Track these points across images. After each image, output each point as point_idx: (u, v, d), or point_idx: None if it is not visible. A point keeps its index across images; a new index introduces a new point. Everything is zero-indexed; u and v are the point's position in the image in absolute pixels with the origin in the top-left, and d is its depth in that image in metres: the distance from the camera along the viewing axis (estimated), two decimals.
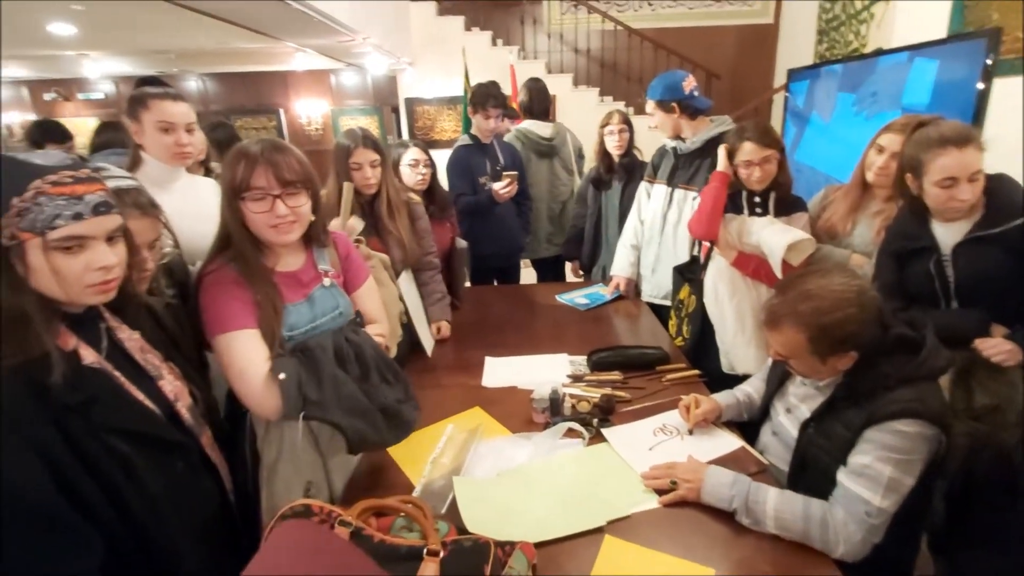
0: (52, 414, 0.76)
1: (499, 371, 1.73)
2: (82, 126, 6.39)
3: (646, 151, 2.59)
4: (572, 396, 1.45)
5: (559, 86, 5.48)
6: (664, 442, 1.33)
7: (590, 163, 2.84)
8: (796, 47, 5.48)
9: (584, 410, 1.43)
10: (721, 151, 1.85)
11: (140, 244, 0.99)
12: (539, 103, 3.13)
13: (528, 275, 3.25)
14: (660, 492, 1.14)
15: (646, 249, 2.31)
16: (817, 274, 1.14)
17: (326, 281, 1.31)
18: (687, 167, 2.15)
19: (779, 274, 1.64)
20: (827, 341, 1.08)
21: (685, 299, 2.04)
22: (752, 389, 1.46)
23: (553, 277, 3.23)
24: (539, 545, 0.99)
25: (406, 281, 1.83)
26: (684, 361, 1.76)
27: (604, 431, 1.36)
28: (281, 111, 6.78)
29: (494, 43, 5.65)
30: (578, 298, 2.36)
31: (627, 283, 2.37)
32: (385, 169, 1.78)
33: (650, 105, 2.14)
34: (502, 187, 2.50)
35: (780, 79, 5.18)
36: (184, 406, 0.96)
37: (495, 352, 1.85)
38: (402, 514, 0.94)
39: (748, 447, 1.30)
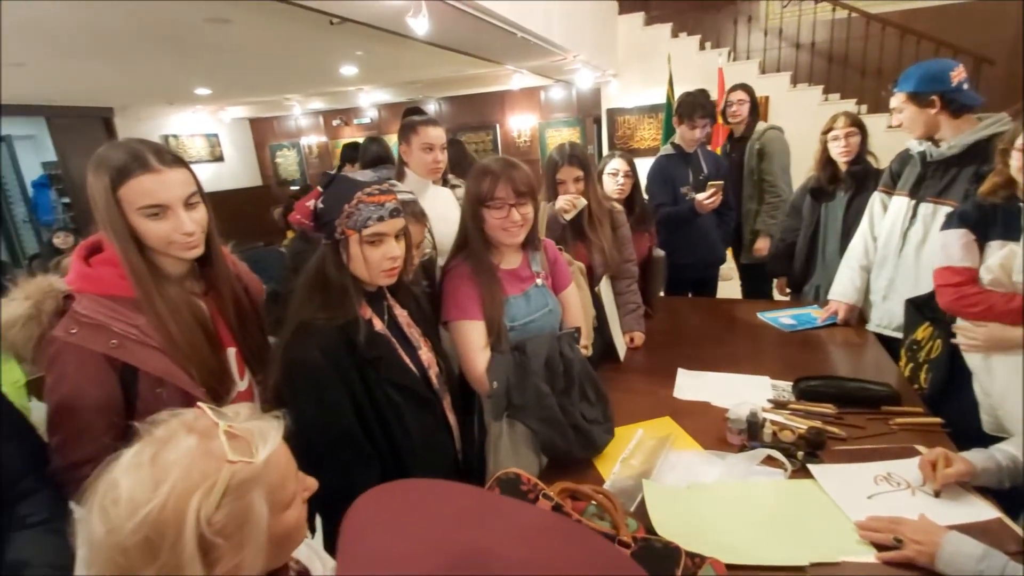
0: (356, 363, 1.00)
1: (692, 384, 1.66)
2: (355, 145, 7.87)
3: (882, 157, 2.20)
4: (774, 423, 1.33)
5: (773, 87, 4.96)
6: (888, 493, 1.14)
7: (806, 172, 2.49)
8: None
9: (787, 440, 1.30)
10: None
11: (413, 243, 1.22)
12: None
13: (727, 289, 3.03)
14: (878, 547, 0.99)
15: (878, 271, 1.94)
16: None
17: (538, 281, 1.43)
18: (939, 176, 1.75)
19: None
20: None
21: (924, 341, 1.66)
22: (1020, 452, 1.16)
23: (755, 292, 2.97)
24: (730, 567, 0.94)
25: (604, 287, 1.87)
26: (920, 405, 1.46)
27: (811, 466, 1.22)
28: (497, 126, 7.40)
29: (702, 47, 5.35)
30: (784, 318, 2.12)
31: (848, 310, 2.01)
32: (589, 182, 1.84)
33: (898, 98, 1.76)
34: (705, 197, 2.37)
35: None
36: (433, 373, 1.15)
37: (688, 364, 1.78)
38: (594, 502, 0.98)
39: (1008, 520, 1.04)
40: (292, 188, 8.23)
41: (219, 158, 8.15)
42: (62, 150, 6.46)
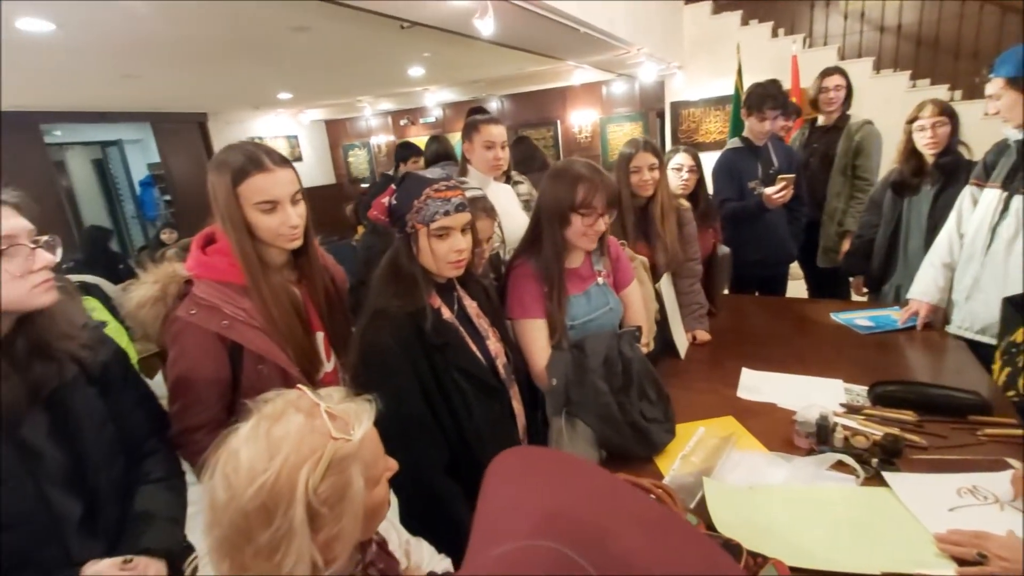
0: (425, 349, 1.05)
1: (757, 384, 1.61)
2: (420, 143, 8.10)
3: (977, 148, 2.00)
4: (846, 428, 1.27)
5: (855, 74, 4.56)
6: (973, 507, 1.06)
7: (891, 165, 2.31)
8: None
9: (860, 445, 1.23)
10: None
11: (480, 239, 1.26)
12: None
13: (797, 289, 2.88)
14: (959, 562, 0.93)
15: (963, 269, 1.78)
16: None
17: (600, 280, 1.44)
18: None
19: None
20: None
21: None
22: None
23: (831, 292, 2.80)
24: (794, 570, 0.92)
25: (665, 284, 1.84)
26: (1015, 415, 1.34)
27: (886, 474, 1.15)
28: (558, 122, 7.37)
29: (774, 34, 5.07)
30: (860, 319, 1.99)
31: (930, 310, 1.86)
32: (662, 174, 1.81)
33: (995, 84, 1.61)
34: (775, 191, 2.27)
35: None
36: (501, 363, 1.19)
37: (753, 364, 1.72)
38: (654, 496, 0.98)
39: None
40: (363, 186, 8.59)
41: (298, 158, 8.64)
42: (164, 152, 7.09)
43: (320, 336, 1.17)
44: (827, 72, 2.83)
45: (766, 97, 2.44)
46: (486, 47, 3.80)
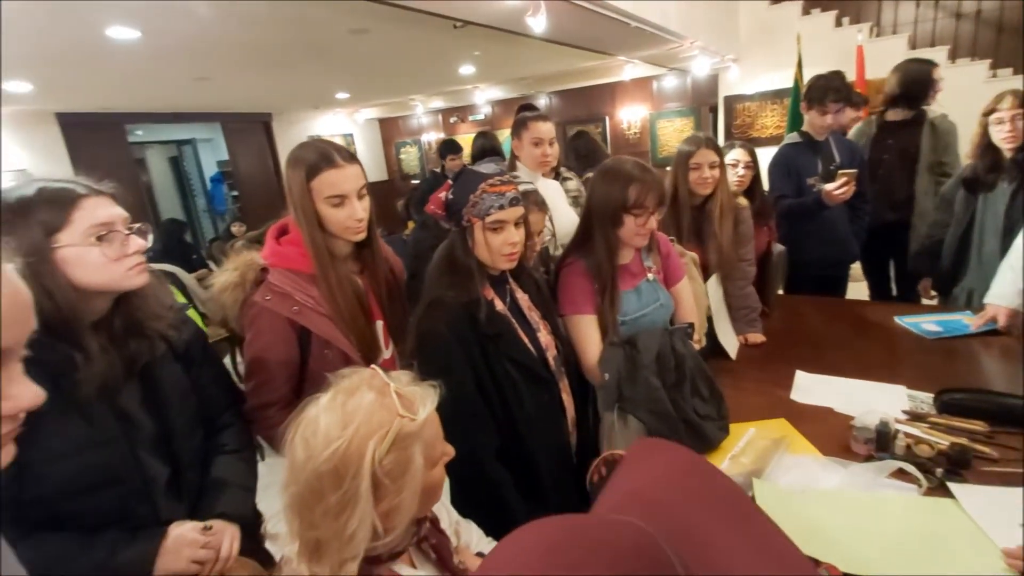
0: (478, 338, 1.08)
1: (812, 387, 1.55)
2: (469, 140, 8.20)
3: None
4: (908, 435, 1.21)
5: None
6: None
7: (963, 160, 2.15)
8: None
9: (924, 454, 1.17)
10: None
11: (532, 231, 1.28)
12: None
13: (859, 291, 2.73)
14: None
15: None
16: None
17: (650, 276, 1.42)
18: None
19: None
20: None
21: None
22: None
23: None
24: None
25: (713, 285, 1.79)
26: None
27: (951, 485, 1.09)
28: (606, 119, 7.27)
29: (838, 23, 4.81)
30: (927, 324, 1.87)
31: (1009, 316, 1.72)
32: (722, 173, 1.77)
33: None
34: (835, 188, 2.16)
35: None
36: (551, 356, 1.21)
37: (808, 367, 1.66)
38: None
39: None
40: (413, 182, 8.78)
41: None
42: (232, 150, 7.49)
43: (379, 324, 1.22)
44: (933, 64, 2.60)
45: (828, 90, 2.33)
46: (535, 44, 3.80)
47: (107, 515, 0.84)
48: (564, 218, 1.80)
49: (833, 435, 1.31)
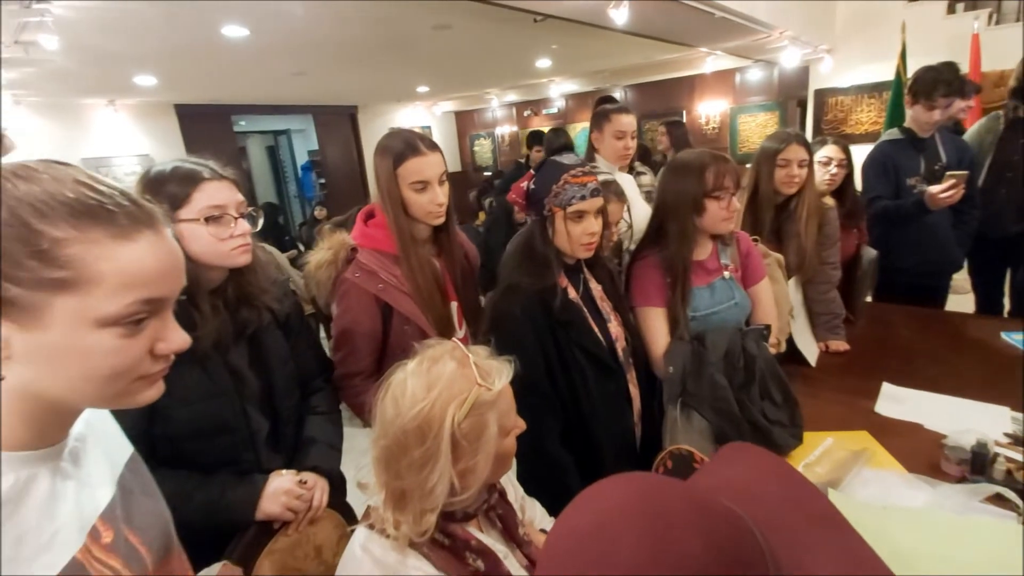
0: (550, 324, 1.11)
1: (900, 401, 1.44)
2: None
3: None
4: (1010, 460, 1.10)
5: None
6: None
7: None
8: None
9: None
10: None
11: (610, 221, 1.29)
12: None
13: (960, 303, 2.47)
14: None
15: None
16: None
17: (726, 274, 1.38)
18: None
19: None
20: None
21: None
22: None
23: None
24: None
25: (792, 289, 1.70)
26: None
27: None
28: (684, 112, 6.99)
29: (950, 10, 4.33)
30: None
31: None
32: (811, 172, 1.67)
33: None
34: (941, 190, 1.96)
35: None
36: (620, 347, 1.21)
37: (897, 380, 1.54)
38: None
39: None
40: (485, 174, 8.91)
41: None
42: (322, 140, 7.96)
43: (454, 305, 1.27)
44: None
45: (939, 83, 2.10)
46: (614, 37, 3.72)
47: (218, 459, 0.95)
48: (640, 212, 1.78)
49: (921, 453, 1.21)
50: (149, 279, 0.47)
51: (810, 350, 1.72)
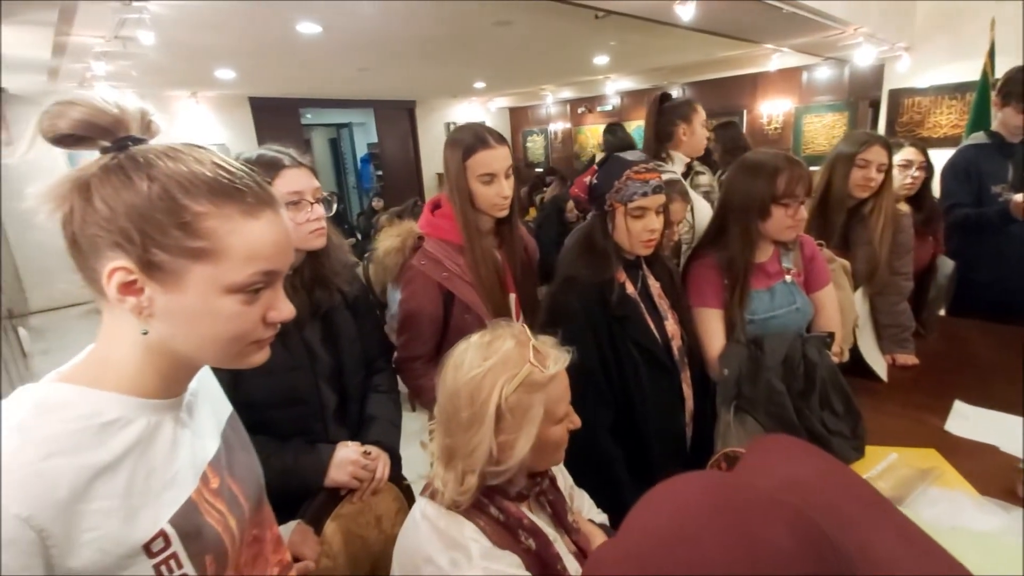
0: (606, 318, 1.11)
1: (974, 421, 1.35)
2: (595, 131, 8.10)
3: None
4: None
5: None
6: None
7: None
8: None
9: None
10: None
11: (672, 220, 1.27)
12: None
13: None
14: None
15: None
16: None
17: (787, 278, 1.33)
18: None
19: None
20: None
21: None
22: None
23: None
24: None
25: (859, 299, 1.61)
26: None
27: None
28: (744, 112, 6.72)
29: None
30: None
31: None
32: (889, 176, 1.58)
33: None
34: None
35: None
36: (676, 345, 1.20)
37: (970, 398, 1.43)
38: None
39: None
40: (537, 170, 8.92)
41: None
42: (381, 133, 8.19)
43: (512, 297, 1.29)
44: None
45: None
46: (675, 33, 3.63)
47: (291, 428, 1.01)
48: (701, 212, 1.73)
49: (994, 476, 1.13)
50: (269, 253, 0.52)
51: (878, 363, 1.63)
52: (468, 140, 1.17)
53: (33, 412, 0.46)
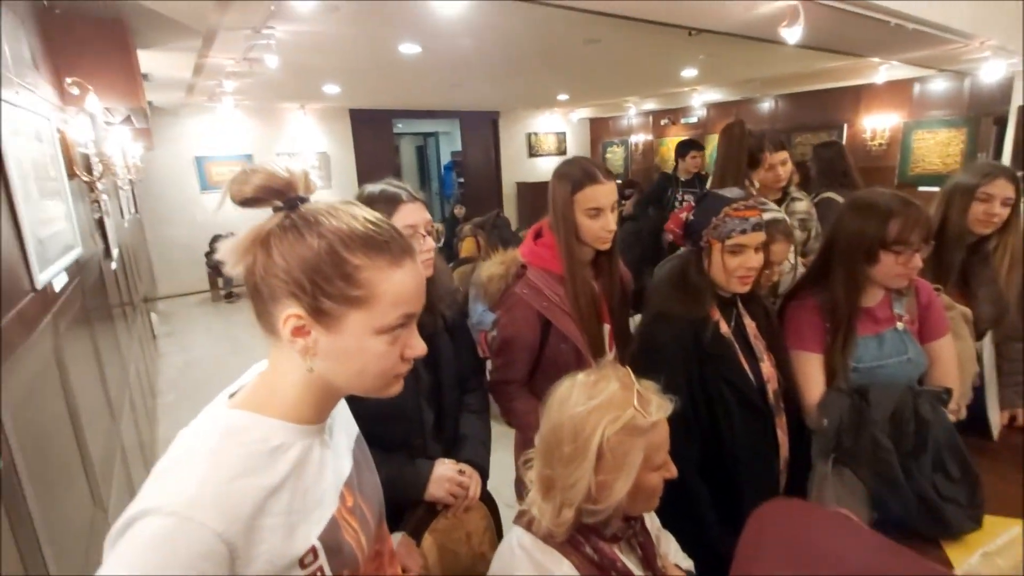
0: (699, 355, 1.09)
1: None
2: (672, 143, 7.85)
3: None
4: None
5: None
6: None
7: None
8: None
9: None
10: None
11: (773, 260, 1.22)
12: None
13: None
14: None
15: None
16: None
17: (899, 325, 1.24)
18: None
19: None
20: None
21: None
22: None
23: None
24: None
25: (988, 347, 1.45)
26: None
27: None
28: (844, 126, 6.22)
29: None
30: None
31: None
32: (1016, 212, 1.41)
33: None
34: None
35: None
36: (771, 388, 1.15)
37: None
38: None
39: None
40: (617, 182, 8.79)
41: (563, 152, 9.32)
42: (465, 142, 8.46)
43: (607, 328, 1.29)
44: None
45: None
46: (771, 46, 3.44)
47: (393, 442, 1.08)
48: None
49: None
50: (410, 297, 0.57)
51: (995, 420, 1.46)
52: (577, 175, 1.18)
53: (221, 437, 0.53)
